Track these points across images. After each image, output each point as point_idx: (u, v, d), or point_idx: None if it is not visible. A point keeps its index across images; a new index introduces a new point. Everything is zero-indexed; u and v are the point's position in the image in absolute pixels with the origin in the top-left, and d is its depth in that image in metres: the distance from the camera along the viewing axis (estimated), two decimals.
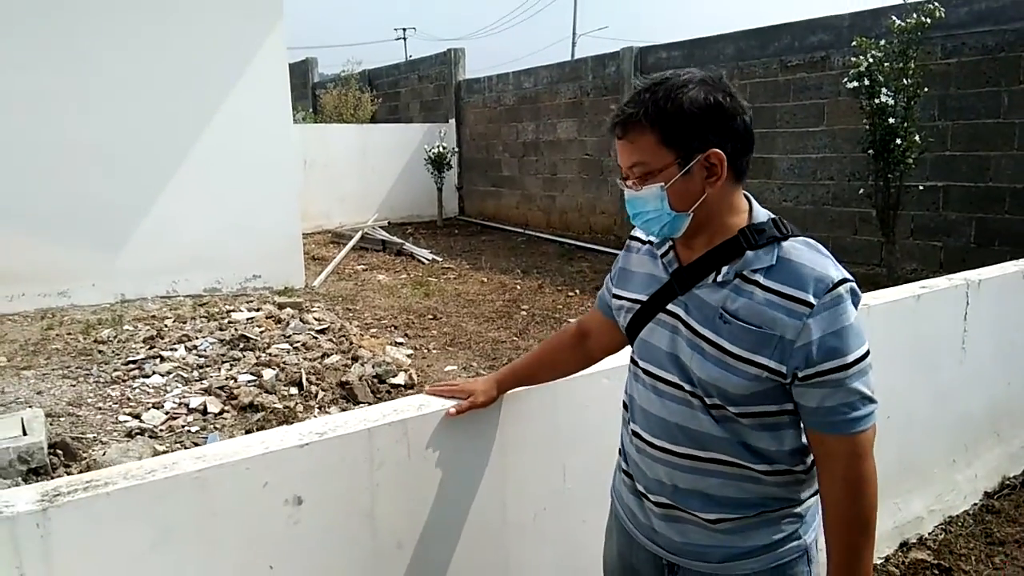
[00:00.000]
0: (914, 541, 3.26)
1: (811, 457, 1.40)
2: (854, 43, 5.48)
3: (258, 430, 3.15)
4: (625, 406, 1.61)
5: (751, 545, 1.43)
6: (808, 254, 1.33)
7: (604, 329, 1.73)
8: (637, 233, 1.60)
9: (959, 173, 5.97)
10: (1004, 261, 3.76)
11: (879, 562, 3.09)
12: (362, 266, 9.15)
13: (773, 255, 1.34)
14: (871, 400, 1.31)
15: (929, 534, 3.33)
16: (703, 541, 1.45)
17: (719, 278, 1.38)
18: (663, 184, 1.35)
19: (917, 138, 5.35)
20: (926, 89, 5.55)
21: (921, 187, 5.95)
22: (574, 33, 43.34)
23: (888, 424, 2.99)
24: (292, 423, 2.67)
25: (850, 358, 1.28)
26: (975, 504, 3.54)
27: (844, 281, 1.29)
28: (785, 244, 1.35)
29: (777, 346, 1.30)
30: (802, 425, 1.38)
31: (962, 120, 5.92)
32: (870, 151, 5.53)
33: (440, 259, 9.47)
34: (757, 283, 1.33)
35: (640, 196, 1.38)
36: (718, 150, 1.32)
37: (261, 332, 5.16)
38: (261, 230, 7.31)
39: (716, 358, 1.35)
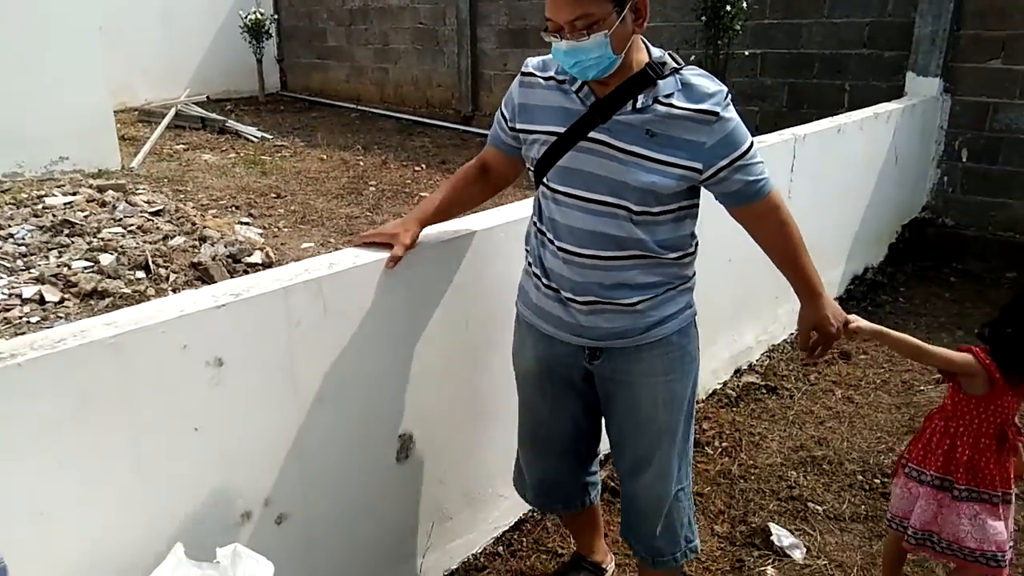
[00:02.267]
0: (745, 367, 3.75)
1: (696, 240, 1.84)
2: None
3: None
4: (541, 232, 1.83)
5: (662, 315, 1.81)
6: (700, 77, 1.70)
7: (503, 163, 1.97)
8: (531, 69, 1.83)
9: (775, 40, 6.42)
10: (811, 122, 4.16)
11: (719, 386, 3.54)
12: (182, 145, 8.45)
13: (677, 81, 1.68)
14: (765, 168, 1.75)
15: (757, 360, 3.84)
16: (626, 323, 1.79)
17: (638, 105, 1.66)
18: (607, 31, 1.58)
19: (744, 5, 5.68)
20: None
21: (746, 53, 6.36)
22: None
23: (730, 267, 3.37)
24: None
25: (747, 144, 1.70)
26: (792, 333, 4.10)
27: (727, 92, 1.69)
28: (683, 72, 1.69)
29: (696, 150, 1.66)
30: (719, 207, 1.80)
31: None
32: (702, 18, 5.81)
33: (270, 137, 8.94)
34: (671, 104, 1.66)
35: (584, 45, 1.58)
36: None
37: (86, 216, 4.72)
38: (64, 105, 6.48)
39: (649, 167, 1.67)
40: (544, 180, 1.79)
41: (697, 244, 1.86)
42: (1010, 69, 5.08)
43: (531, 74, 1.82)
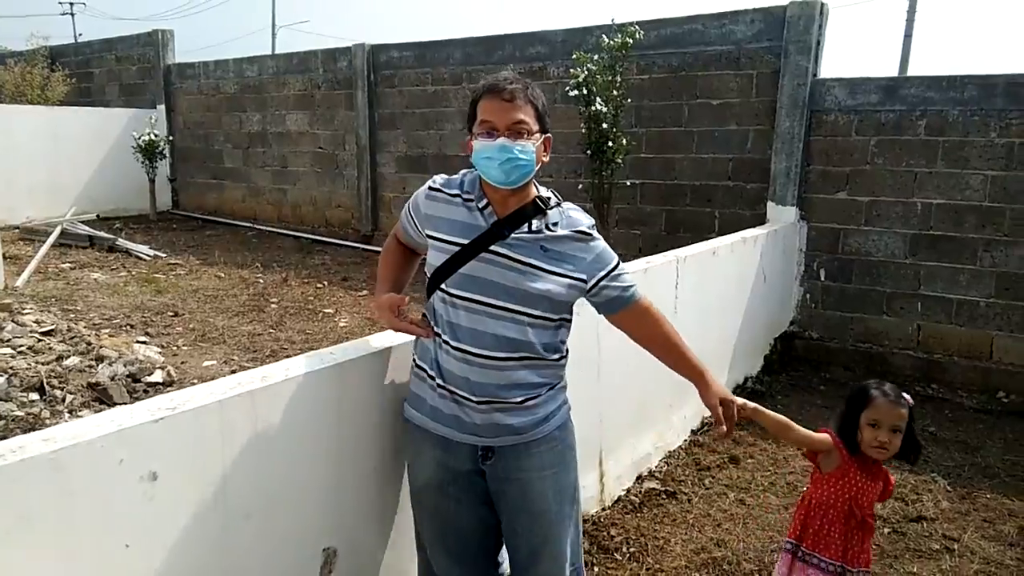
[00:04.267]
0: (646, 474, 3.94)
1: (567, 346, 2.08)
2: (574, 56, 6.25)
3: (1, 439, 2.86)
4: (436, 334, 2.00)
5: (547, 412, 2.03)
6: (576, 211, 2.05)
7: (418, 248, 2.20)
8: (438, 185, 2.06)
9: (652, 172, 7.07)
10: (686, 245, 4.62)
11: (623, 493, 3.70)
12: (68, 264, 8.18)
13: (561, 212, 2.02)
14: (631, 279, 2.07)
15: (656, 467, 4.04)
16: (517, 420, 1.99)
17: (533, 228, 1.96)
18: (535, 142, 1.93)
19: (624, 142, 6.28)
20: (628, 100, 6.52)
21: (628, 183, 6.96)
22: (273, 24, 41.96)
23: (634, 376, 3.62)
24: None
25: (615, 261, 2.04)
26: (686, 439, 4.36)
27: (594, 223, 2.06)
28: (564, 205, 2.04)
29: (580, 263, 1.97)
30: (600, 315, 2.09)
31: (654, 127, 7.02)
32: (588, 151, 6.36)
33: (164, 255, 8.79)
34: (552, 232, 1.98)
35: (523, 146, 1.90)
36: (549, 135, 2.00)
37: None
38: None
39: (544, 277, 1.94)
40: (443, 286, 1.98)
41: (568, 350, 2.11)
42: (855, 199, 5.83)
43: (438, 189, 2.06)
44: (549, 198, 1.99)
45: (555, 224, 1.97)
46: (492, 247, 1.93)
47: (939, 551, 3.23)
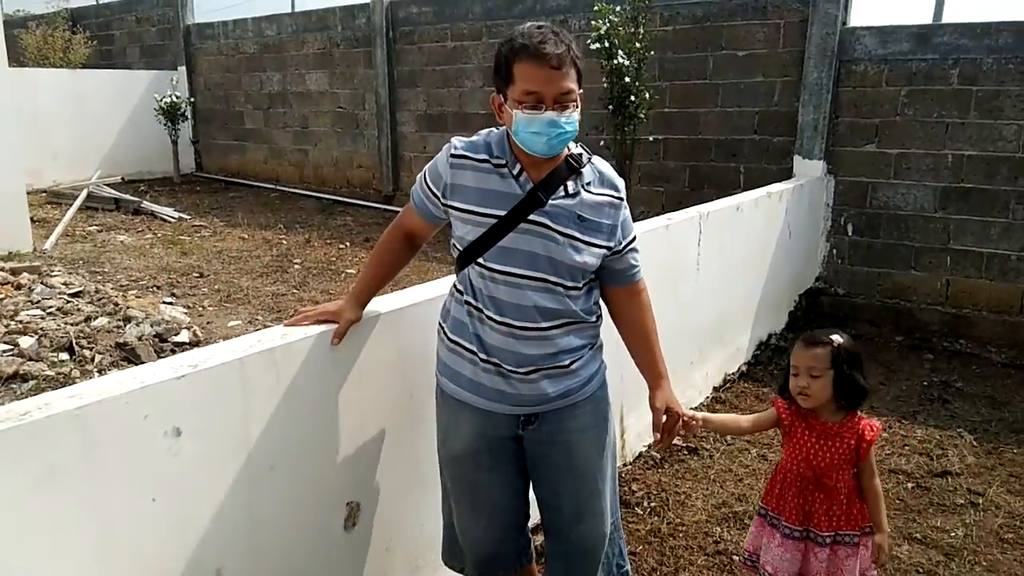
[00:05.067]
0: None
1: (600, 307, 2.04)
2: (596, 8, 6.10)
3: None
4: (478, 309, 1.92)
5: (590, 373, 2.01)
6: (607, 167, 1.97)
7: (428, 229, 2.09)
8: (462, 151, 1.91)
9: (676, 127, 6.95)
10: (711, 201, 4.54)
11: (644, 449, 3.72)
12: (95, 227, 8.28)
13: (593, 169, 1.93)
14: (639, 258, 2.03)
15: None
16: (564, 384, 1.95)
17: (570, 191, 1.87)
18: (578, 109, 1.82)
19: (647, 96, 6.16)
20: (651, 52, 6.37)
21: (651, 139, 6.85)
22: None
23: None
24: None
25: (635, 231, 2.01)
26: (707, 396, 4.36)
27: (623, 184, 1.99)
28: (596, 162, 1.94)
29: (610, 231, 1.93)
30: (601, 284, 2.02)
31: (678, 81, 6.87)
32: (609, 107, 6.26)
33: (188, 217, 8.87)
34: (591, 192, 1.91)
35: (570, 116, 1.78)
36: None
37: (1, 300, 4.59)
38: None
39: (581, 249, 1.88)
40: (480, 261, 1.88)
41: (602, 310, 2.08)
42: (884, 152, 5.68)
43: (462, 156, 1.89)
44: (581, 155, 1.90)
45: (589, 184, 1.90)
46: (531, 216, 1.84)
47: (963, 505, 3.22)
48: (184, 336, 4.26)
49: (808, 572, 2.19)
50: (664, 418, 2.04)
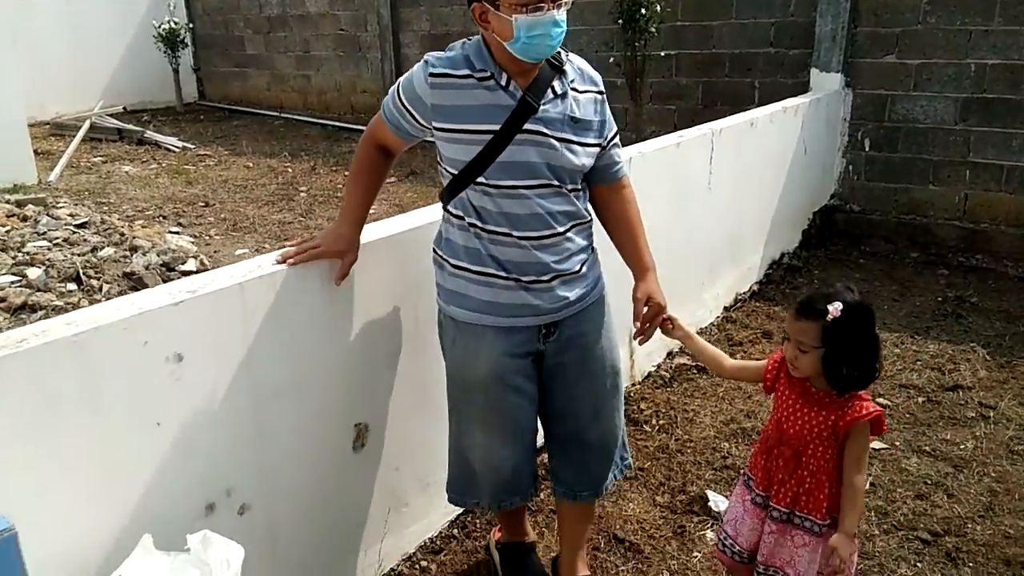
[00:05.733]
0: (677, 350, 3.93)
1: None
2: None
3: None
4: (490, 231, 1.86)
5: (595, 275, 2.04)
6: (583, 62, 1.96)
7: (401, 146, 2.01)
8: (442, 69, 1.82)
9: (688, 42, 6.69)
10: (725, 118, 4.39)
11: (653, 368, 3.72)
12: (100, 158, 8.21)
13: (574, 67, 1.91)
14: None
15: None
16: (578, 288, 1.96)
17: (557, 91, 1.83)
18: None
19: (658, 8, 5.92)
20: None
21: (662, 54, 6.62)
22: None
23: (659, 256, 3.55)
24: None
25: (616, 127, 1.99)
26: (718, 316, 4.33)
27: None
28: (573, 58, 1.93)
29: (599, 128, 1.93)
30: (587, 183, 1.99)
31: None
32: (619, 20, 6.02)
33: (192, 146, 8.77)
34: (576, 90, 1.88)
35: (563, 16, 1.75)
36: None
37: (7, 232, 4.57)
38: None
39: (577, 151, 1.87)
40: (480, 180, 1.81)
41: None
42: (904, 63, 5.46)
43: (442, 74, 1.81)
44: (559, 52, 1.85)
45: (573, 81, 1.88)
46: (526, 126, 1.79)
47: (974, 418, 3.21)
48: (191, 264, 4.25)
49: (761, 549, 1.95)
50: (645, 309, 2.01)
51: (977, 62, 5.19)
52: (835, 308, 1.74)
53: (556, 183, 1.85)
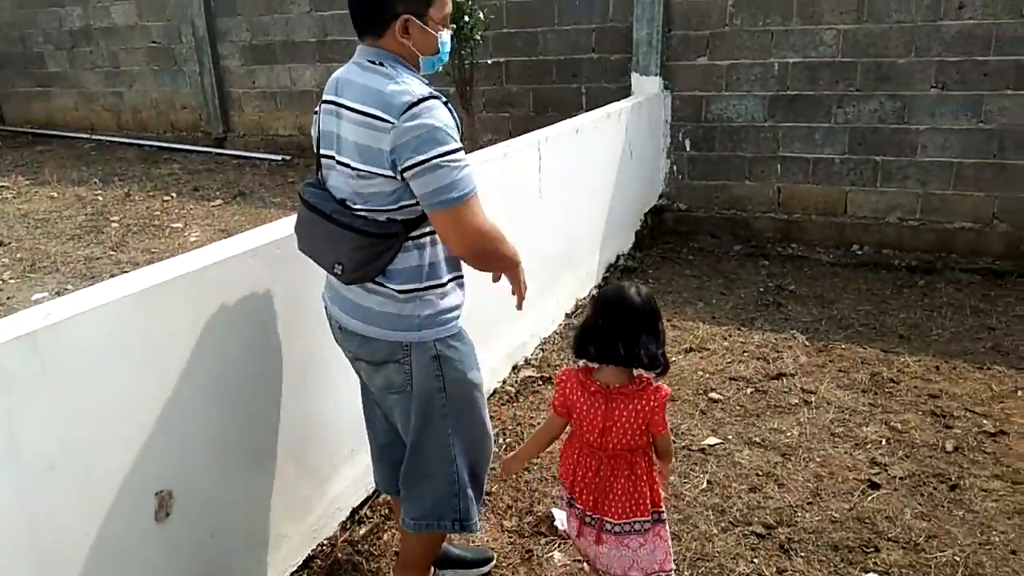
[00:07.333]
0: (521, 363, 3.91)
1: None
2: None
3: None
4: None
5: None
6: None
7: None
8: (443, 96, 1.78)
9: (517, 48, 6.74)
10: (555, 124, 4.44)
11: (498, 385, 3.66)
12: None
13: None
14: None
15: (531, 355, 4.01)
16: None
17: None
18: None
19: (481, 15, 5.90)
20: None
21: (490, 62, 6.62)
22: None
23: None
24: None
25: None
26: (560, 324, 4.35)
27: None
28: None
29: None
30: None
31: None
32: None
33: None
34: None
35: None
36: None
37: None
38: None
39: None
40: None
41: None
42: (716, 64, 5.76)
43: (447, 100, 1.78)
44: None
45: None
46: None
47: (797, 405, 3.38)
48: None
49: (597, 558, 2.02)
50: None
51: (780, 61, 5.55)
52: (617, 293, 2.04)
53: None
